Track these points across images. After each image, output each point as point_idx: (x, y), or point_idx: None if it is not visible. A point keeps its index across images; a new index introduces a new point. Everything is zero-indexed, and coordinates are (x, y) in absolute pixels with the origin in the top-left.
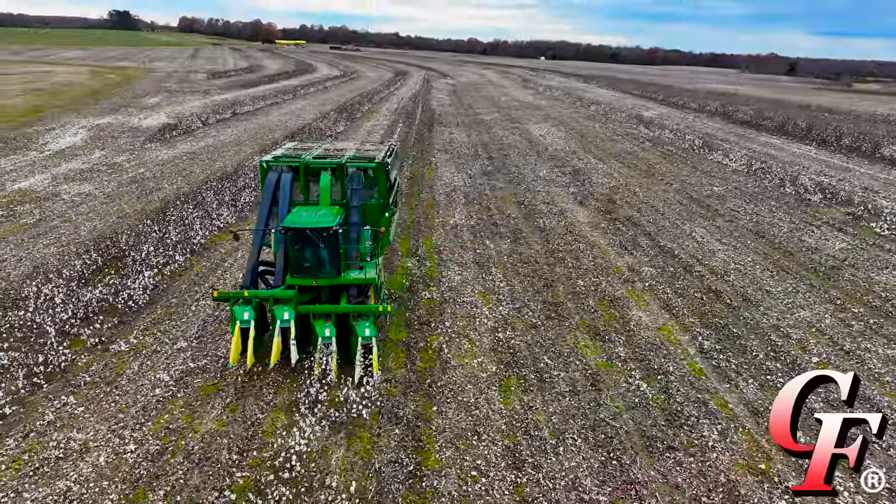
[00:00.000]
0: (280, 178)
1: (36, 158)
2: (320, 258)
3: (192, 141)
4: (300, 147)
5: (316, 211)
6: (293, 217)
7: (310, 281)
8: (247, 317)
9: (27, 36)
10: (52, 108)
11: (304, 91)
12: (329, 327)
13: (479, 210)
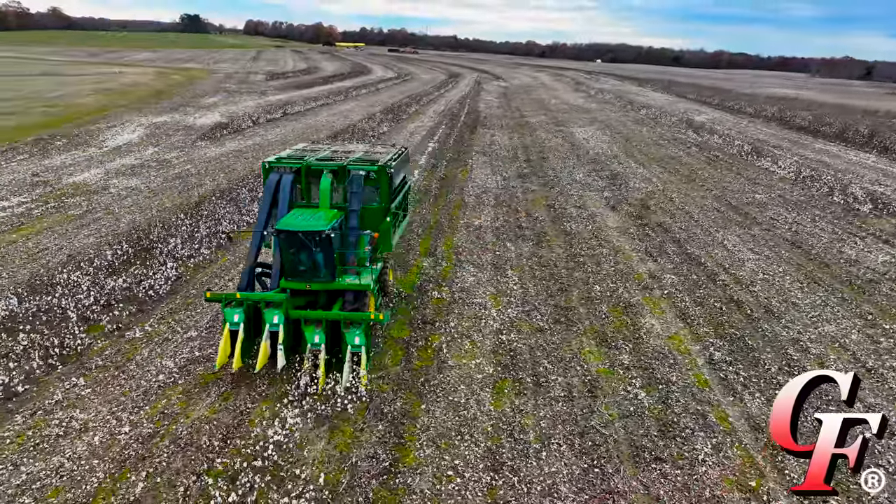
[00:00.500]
0: (281, 180)
1: (94, 154)
2: (315, 262)
3: (241, 139)
4: (308, 149)
5: (313, 214)
6: (288, 219)
7: (303, 285)
8: (236, 319)
9: (106, 39)
10: (117, 107)
11: (355, 93)
12: (319, 333)
13: (507, 212)
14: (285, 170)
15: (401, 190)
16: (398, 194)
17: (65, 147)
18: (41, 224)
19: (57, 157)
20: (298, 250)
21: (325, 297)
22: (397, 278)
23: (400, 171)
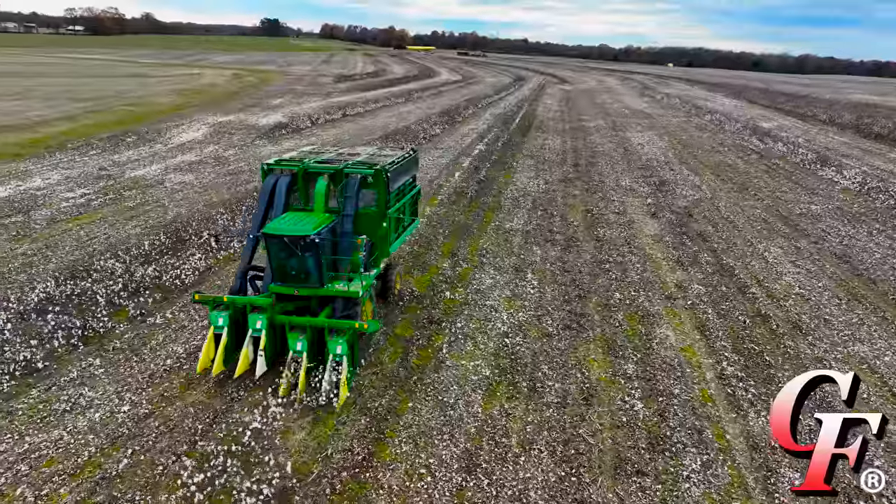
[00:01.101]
0: (277, 183)
1: (159, 150)
2: (303, 267)
3: (297, 139)
4: (313, 151)
5: (302, 218)
6: (276, 223)
7: (292, 290)
8: (221, 322)
9: (190, 42)
10: (190, 106)
11: (418, 95)
12: (301, 341)
13: (542, 216)
14: (282, 172)
15: (404, 194)
16: (400, 199)
17: (134, 143)
18: (96, 214)
19: (125, 152)
20: (286, 255)
21: (316, 304)
22: (414, 278)
23: (402, 176)
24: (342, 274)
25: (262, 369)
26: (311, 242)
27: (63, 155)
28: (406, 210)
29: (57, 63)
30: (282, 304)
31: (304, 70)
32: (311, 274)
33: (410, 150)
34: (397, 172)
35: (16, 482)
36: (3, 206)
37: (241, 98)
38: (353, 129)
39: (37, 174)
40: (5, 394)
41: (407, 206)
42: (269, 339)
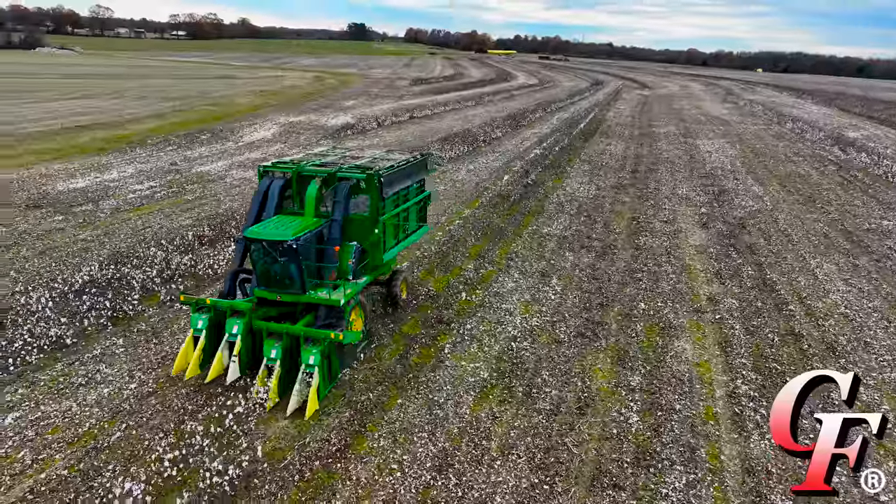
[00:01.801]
0: (270, 185)
1: (228, 148)
2: (285, 272)
3: (360, 139)
4: (319, 153)
5: (288, 222)
6: (259, 227)
7: (274, 295)
8: (200, 325)
9: (281, 46)
10: (267, 106)
11: (489, 99)
12: (277, 348)
13: (584, 222)
14: (276, 175)
15: (407, 199)
16: (400, 205)
17: (207, 140)
18: (156, 206)
19: (198, 149)
20: (267, 259)
21: (302, 310)
22: (434, 278)
23: (401, 181)
24: (327, 282)
25: (233, 375)
26: (289, 248)
27: (142, 150)
28: (411, 216)
29: (156, 65)
30: (266, 308)
31: (383, 73)
32: (293, 280)
33: (418, 155)
34: (394, 178)
35: (21, 446)
36: (77, 196)
37: (317, 99)
38: (417, 131)
39: (115, 167)
40: (33, 366)
41: (412, 212)
42: (244, 345)
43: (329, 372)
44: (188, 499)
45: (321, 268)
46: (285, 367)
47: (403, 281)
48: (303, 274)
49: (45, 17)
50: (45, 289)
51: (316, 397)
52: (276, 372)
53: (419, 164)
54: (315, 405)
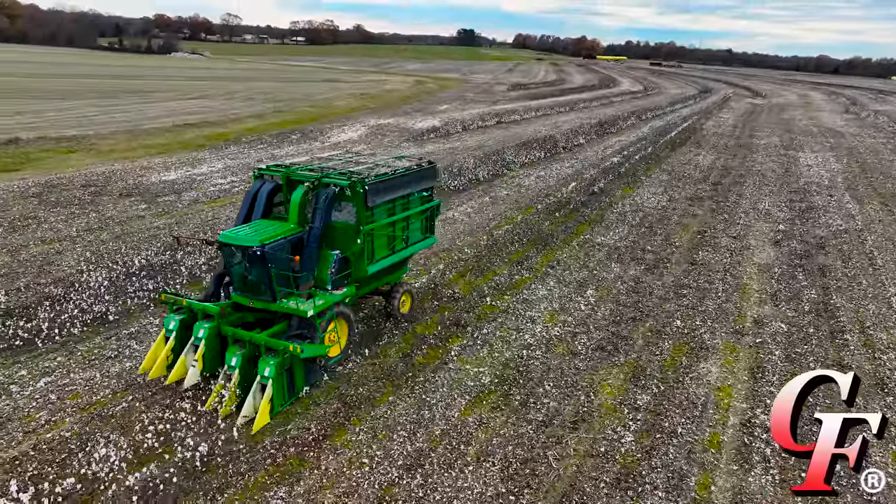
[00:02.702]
0: (260, 189)
1: (312, 147)
2: (258, 278)
3: (441, 143)
4: (324, 157)
5: (266, 227)
6: (233, 230)
7: (248, 301)
8: (172, 326)
9: (391, 51)
10: (364, 109)
11: (584, 105)
12: (238, 356)
13: (644, 234)
14: (268, 178)
15: (407, 208)
16: (395, 214)
17: (297, 140)
18: (230, 199)
19: (286, 148)
20: (240, 264)
21: (279, 318)
22: (465, 281)
23: (395, 190)
24: (303, 291)
25: (191, 380)
26: (254, 254)
27: (236, 148)
28: (413, 227)
29: (270, 69)
30: (243, 314)
31: (484, 78)
32: (264, 286)
33: (424, 163)
34: (386, 186)
35: (42, 407)
36: (166, 188)
37: (412, 103)
38: (500, 136)
39: (206, 163)
40: (76, 337)
41: (414, 222)
42: (209, 350)
43: (290, 385)
44: (157, 470)
45: (292, 275)
46: (243, 376)
47: (407, 294)
48: (272, 281)
49: (184, 24)
50: (105, 269)
51: (267, 411)
52: (233, 380)
53: (423, 172)
54: (265, 419)
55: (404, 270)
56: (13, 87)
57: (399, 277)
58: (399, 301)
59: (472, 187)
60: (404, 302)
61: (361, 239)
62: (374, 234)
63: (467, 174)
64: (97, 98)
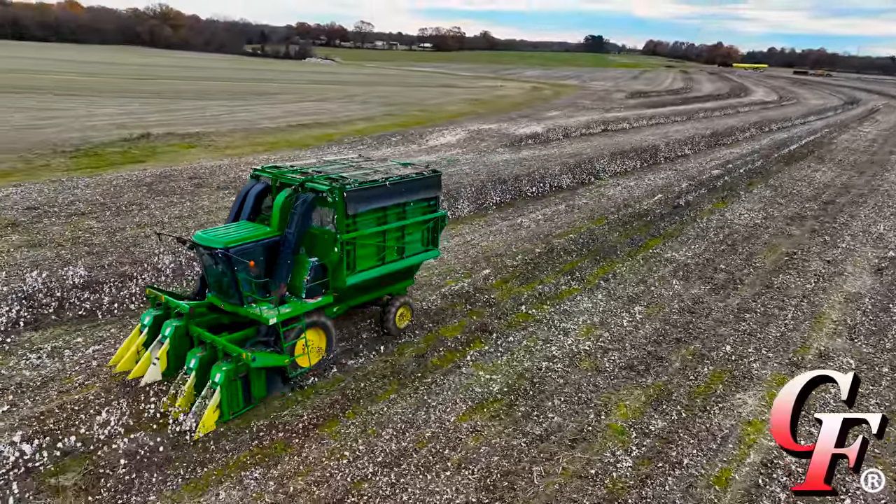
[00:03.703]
0: (250, 190)
1: (409, 150)
2: (228, 281)
3: (538, 150)
4: (329, 161)
5: (243, 228)
6: (210, 231)
7: (220, 302)
8: (146, 321)
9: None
10: (470, 114)
11: (705, 115)
12: (197, 358)
13: (722, 252)
14: (260, 180)
15: (402, 217)
16: (387, 223)
17: (396, 142)
18: None
19: (383, 149)
20: (211, 265)
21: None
22: (507, 287)
23: (386, 198)
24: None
25: (151, 377)
26: (219, 255)
27: (337, 147)
28: (411, 238)
29: (392, 74)
30: (219, 315)
31: (604, 85)
32: (232, 290)
33: (426, 172)
34: (373, 194)
35: (82, 371)
36: None
37: (521, 109)
38: (600, 144)
39: (304, 160)
40: (132, 312)
41: (413, 233)
42: (173, 348)
43: (246, 393)
44: (149, 439)
45: (259, 281)
46: (199, 378)
47: (405, 307)
48: (238, 284)
49: (322, 31)
50: (174, 254)
51: (212, 418)
52: (188, 382)
53: (423, 181)
54: (210, 426)
55: (409, 282)
56: (166, 88)
57: (402, 289)
58: (395, 314)
59: (551, 194)
60: (402, 315)
61: (339, 248)
62: (356, 243)
63: (549, 181)
64: (227, 99)
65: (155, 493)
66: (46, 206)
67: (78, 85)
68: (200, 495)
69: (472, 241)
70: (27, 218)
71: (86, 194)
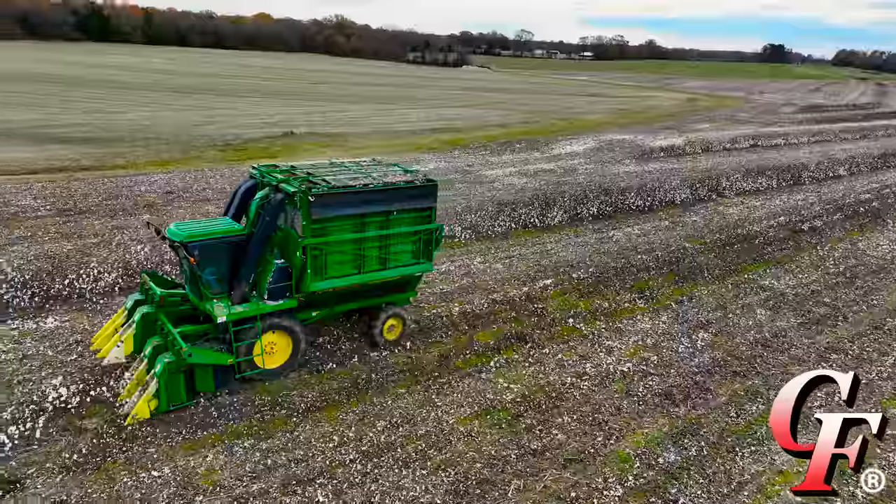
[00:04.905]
0: (241, 187)
1: (531, 157)
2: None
3: (667, 162)
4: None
5: (211, 224)
6: (183, 224)
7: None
8: (128, 304)
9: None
10: (611, 124)
11: (884, 133)
12: (152, 346)
13: (837, 284)
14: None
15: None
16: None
17: (519, 150)
18: None
19: (505, 155)
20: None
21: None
22: (561, 300)
23: (366, 205)
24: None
25: (113, 357)
26: (176, 247)
27: (459, 152)
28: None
29: (542, 82)
30: (192, 306)
31: (773, 98)
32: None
33: (418, 180)
34: (344, 200)
35: None
36: None
37: (667, 120)
38: (741, 161)
39: (422, 163)
40: None
41: (399, 243)
42: (139, 332)
43: (189, 386)
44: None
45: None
46: (150, 366)
47: (397, 318)
48: (197, 278)
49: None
50: None
51: (146, 407)
52: (140, 368)
53: (413, 190)
54: (144, 414)
55: (409, 294)
56: (325, 92)
57: (403, 300)
58: (383, 325)
59: (659, 209)
60: (392, 327)
61: (300, 251)
62: (325, 249)
63: (661, 195)
64: (374, 103)
65: (155, 447)
66: (182, 191)
67: (251, 88)
68: (192, 454)
69: (551, 250)
70: (163, 200)
71: (217, 183)
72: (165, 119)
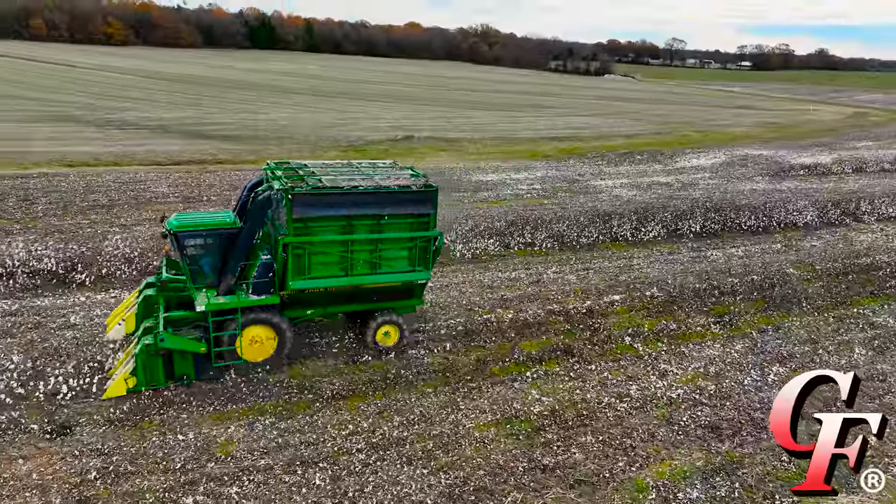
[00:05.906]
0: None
1: (649, 170)
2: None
3: (805, 182)
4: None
5: (208, 217)
6: (185, 215)
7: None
8: (142, 286)
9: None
10: (755, 138)
11: None
12: (144, 327)
13: None
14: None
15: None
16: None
17: (638, 161)
18: (509, 203)
19: (622, 166)
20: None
21: None
22: (629, 317)
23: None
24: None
25: (114, 335)
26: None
27: (573, 161)
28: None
29: (686, 93)
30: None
31: None
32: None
33: (415, 186)
34: (330, 202)
35: None
36: (472, 186)
37: (823, 136)
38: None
39: (530, 171)
40: None
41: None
42: (140, 312)
43: (168, 369)
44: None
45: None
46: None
47: (392, 326)
48: (184, 267)
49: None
50: None
51: (122, 384)
52: (130, 346)
53: (405, 195)
54: (119, 391)
55: (414, 302)
56: (456, 98)
57: (406, 307)
58: (376, 330)
59: (774, 231)
60: (387, 334)
61: (281, 249)
62: (308, 248)
63: (780, 216)
64: (499, 110)
65: (188, 413)
66: None
67: (386, 93)
68: (217, 424)
69: (634, 266)
70: None
71: None
72: (303, 120)
